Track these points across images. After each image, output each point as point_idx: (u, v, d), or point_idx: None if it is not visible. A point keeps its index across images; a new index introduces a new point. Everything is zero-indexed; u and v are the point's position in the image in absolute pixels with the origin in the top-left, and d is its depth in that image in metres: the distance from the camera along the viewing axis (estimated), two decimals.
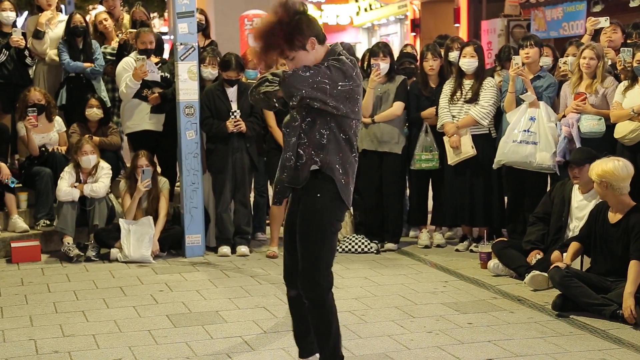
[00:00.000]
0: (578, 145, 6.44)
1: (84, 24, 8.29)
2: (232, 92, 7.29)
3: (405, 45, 9.38)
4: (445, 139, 7.12)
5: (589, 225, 5.62)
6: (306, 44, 3.82)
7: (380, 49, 7.32)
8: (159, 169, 7.72)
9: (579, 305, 5.33)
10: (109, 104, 8.26)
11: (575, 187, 6.13)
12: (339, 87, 3.80)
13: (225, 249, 7.30)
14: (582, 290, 5.31)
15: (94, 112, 7.81)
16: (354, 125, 3.96)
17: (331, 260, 4.01)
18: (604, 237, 5.47)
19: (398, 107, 7.26)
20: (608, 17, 7.33)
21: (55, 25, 8.45)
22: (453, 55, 7.35)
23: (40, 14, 8.40)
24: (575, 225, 6.05)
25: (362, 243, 7.31)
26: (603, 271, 5.44)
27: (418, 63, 7.73)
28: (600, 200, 5.63)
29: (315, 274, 3.93)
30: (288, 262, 4.13)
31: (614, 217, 5.43)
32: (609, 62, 6.77)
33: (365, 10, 23.58)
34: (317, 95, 3.79)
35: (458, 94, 7.08)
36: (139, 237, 7.08)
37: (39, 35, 8.28)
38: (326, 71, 3.78)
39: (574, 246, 5.68)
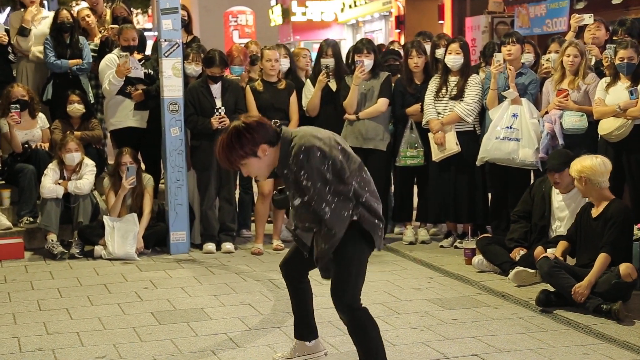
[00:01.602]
0: (561, 141, 6.47)
1: (71, 20, 8.22)
2: (216, 88, 7.27)
3: (392, 42, 9.37)
4: (430, 135, 7.14)
5: (576, 224, 5.70)
6: (257, 151, 3.84)
7: (364, 46, 7.32)
8: (143, 166, 7.69)
9: (564, 297, 5.38)
10: (92, 101, 8.21)
11: None
12: (327, 168, 3.79)
13: (210, 246, 7.29)
14: (568, 282, 5.35)
15: (75, 108, 7.76)
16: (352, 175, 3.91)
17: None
18: (587, 232, 5.56)
19: (382, 103, 7.27)
20: (592, 14, 7.35)
21: (39, 21, 8.39)
22: (440, 52, 7.36)
23: (24, 10, 8.34)
24: (557, 225, 6.09)
25: None
26: (587, 263, 5.49)
27: (403, 60, 7.74)
28: (585, 202, 5.71)
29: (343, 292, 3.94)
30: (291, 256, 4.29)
31: (595, 211, 5.53)
32: (593, 59, 6.80)
33: (350, 7, 23.57)
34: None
35: (443, 90, 7.09)
36: (123, 234, 7.06)
37: (24, 32, 8.22)
38: (313, 171, 3.76)
39: (562, 245, 5.73)
